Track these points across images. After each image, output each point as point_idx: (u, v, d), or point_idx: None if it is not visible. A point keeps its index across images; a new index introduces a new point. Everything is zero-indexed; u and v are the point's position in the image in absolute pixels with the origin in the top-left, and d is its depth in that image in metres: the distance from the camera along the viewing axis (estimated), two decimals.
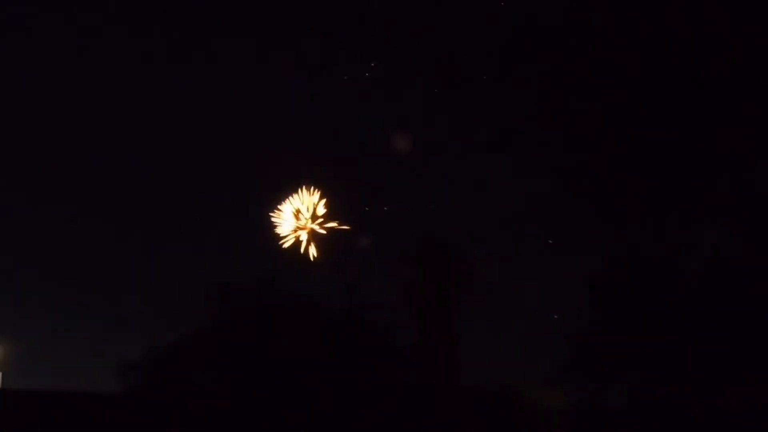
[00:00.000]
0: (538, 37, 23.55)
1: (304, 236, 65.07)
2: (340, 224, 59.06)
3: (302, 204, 66.51)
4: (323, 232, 64.78)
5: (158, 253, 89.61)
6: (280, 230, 66.19)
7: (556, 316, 39.51)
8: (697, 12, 22.45)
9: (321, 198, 65.47)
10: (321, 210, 65.18)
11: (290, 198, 65.52)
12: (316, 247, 64.06)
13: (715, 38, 22.63)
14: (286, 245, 63.87)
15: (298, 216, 66.54)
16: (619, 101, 22.94)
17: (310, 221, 66.48)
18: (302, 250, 65.20)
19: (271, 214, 65.43)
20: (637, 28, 22.92)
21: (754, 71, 22.47)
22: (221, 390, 40.04)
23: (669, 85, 22.42)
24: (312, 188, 64.67)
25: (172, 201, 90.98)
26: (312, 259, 63.25)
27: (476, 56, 23.74)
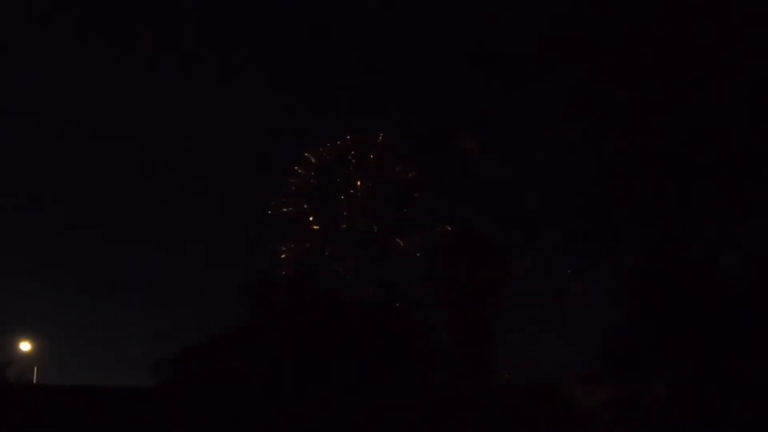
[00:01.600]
0: (571, 31, 23.07)
1: None
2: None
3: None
4: None
5: (188, 253, 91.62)
6: None
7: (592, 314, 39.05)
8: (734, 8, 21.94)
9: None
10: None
11: None
12: None
13: (746, 36, 22.04)
14: None
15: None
16: (659, 95, 22.37)
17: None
18: None
19: None
20: (672, 22, 22.40)
21: None
22: (252, 385, 39.83)
23: (710, 80, 21.85)
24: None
25: (202, 203, 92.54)
26: None
27: (512, 51, 23.33)
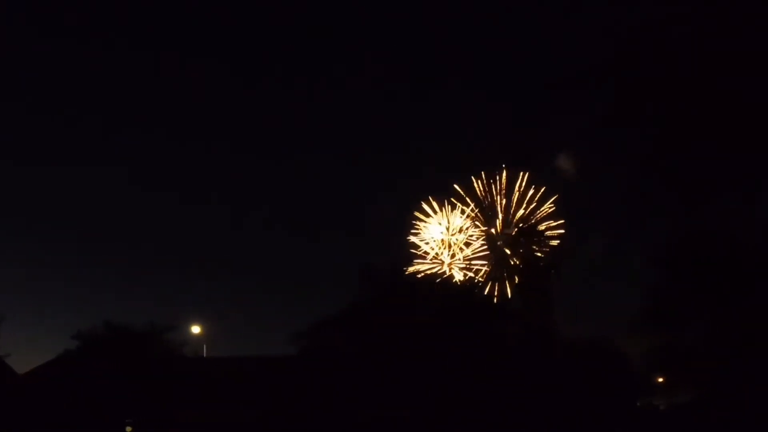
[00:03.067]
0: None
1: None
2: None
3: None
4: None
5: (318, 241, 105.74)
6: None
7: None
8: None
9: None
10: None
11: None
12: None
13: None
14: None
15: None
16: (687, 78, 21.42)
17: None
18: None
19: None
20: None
21: None
22: (369, 351, 49.74)
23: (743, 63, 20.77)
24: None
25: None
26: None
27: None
